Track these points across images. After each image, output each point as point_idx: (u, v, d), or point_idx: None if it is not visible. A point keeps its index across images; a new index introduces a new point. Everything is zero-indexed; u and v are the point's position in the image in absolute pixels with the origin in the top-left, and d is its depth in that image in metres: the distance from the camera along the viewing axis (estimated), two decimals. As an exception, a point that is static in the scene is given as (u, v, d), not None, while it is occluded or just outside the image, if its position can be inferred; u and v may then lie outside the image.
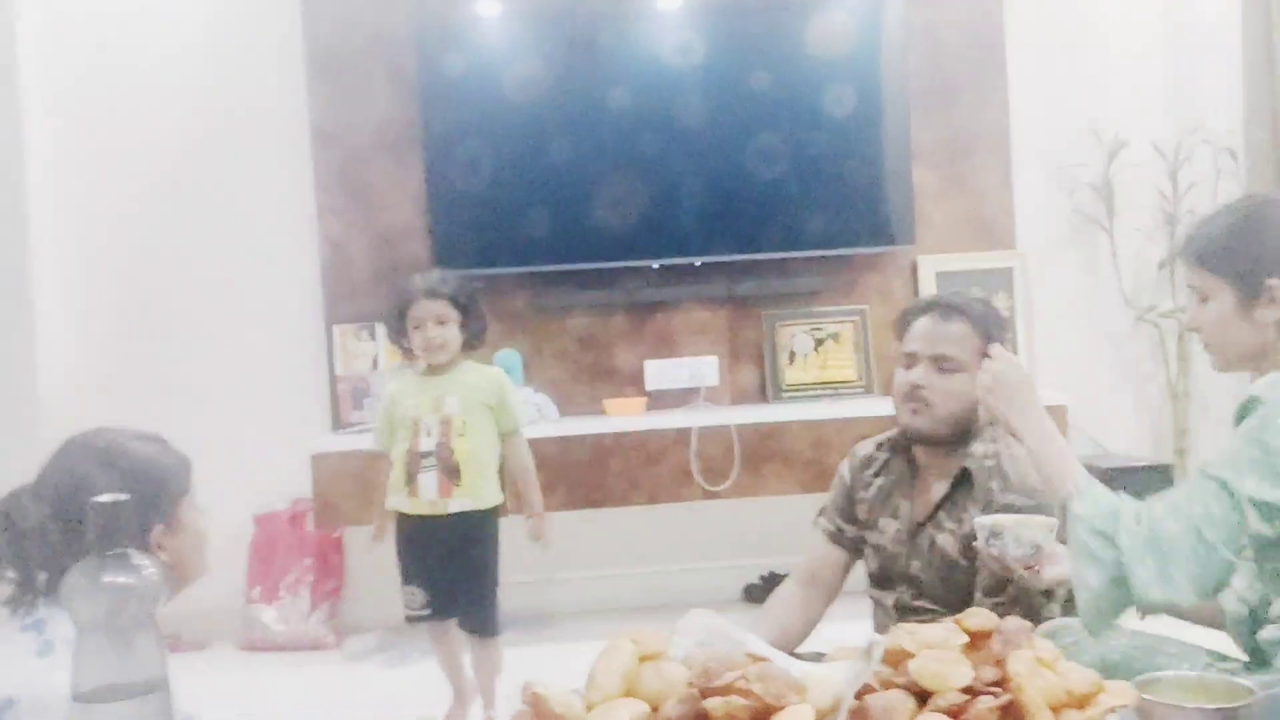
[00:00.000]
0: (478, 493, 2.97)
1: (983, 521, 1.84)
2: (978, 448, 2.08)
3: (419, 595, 3.01)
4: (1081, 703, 1.12)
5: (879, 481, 2.20)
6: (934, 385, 2.07)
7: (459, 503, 2.95)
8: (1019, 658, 1.14)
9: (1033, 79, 4.18)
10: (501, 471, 3.05)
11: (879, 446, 2.25)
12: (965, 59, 4.12)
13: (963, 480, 2.08)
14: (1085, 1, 4.26)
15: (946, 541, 2.07)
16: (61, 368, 3.89)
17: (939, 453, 2.12)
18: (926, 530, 2.11)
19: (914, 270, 4.10)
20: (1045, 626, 1.79)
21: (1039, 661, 1.14)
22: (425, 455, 2.94)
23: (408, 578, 3.03)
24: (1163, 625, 1.75)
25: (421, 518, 2.98)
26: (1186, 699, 1.12)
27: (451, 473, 2.94)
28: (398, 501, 2.99)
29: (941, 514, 2.09)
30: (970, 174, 4.14)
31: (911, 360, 2.12)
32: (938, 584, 2.08)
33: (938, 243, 4.11)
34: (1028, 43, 4.16)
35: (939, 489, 2.11)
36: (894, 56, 3.98)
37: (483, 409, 2.98)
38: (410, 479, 2.95)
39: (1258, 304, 1.64)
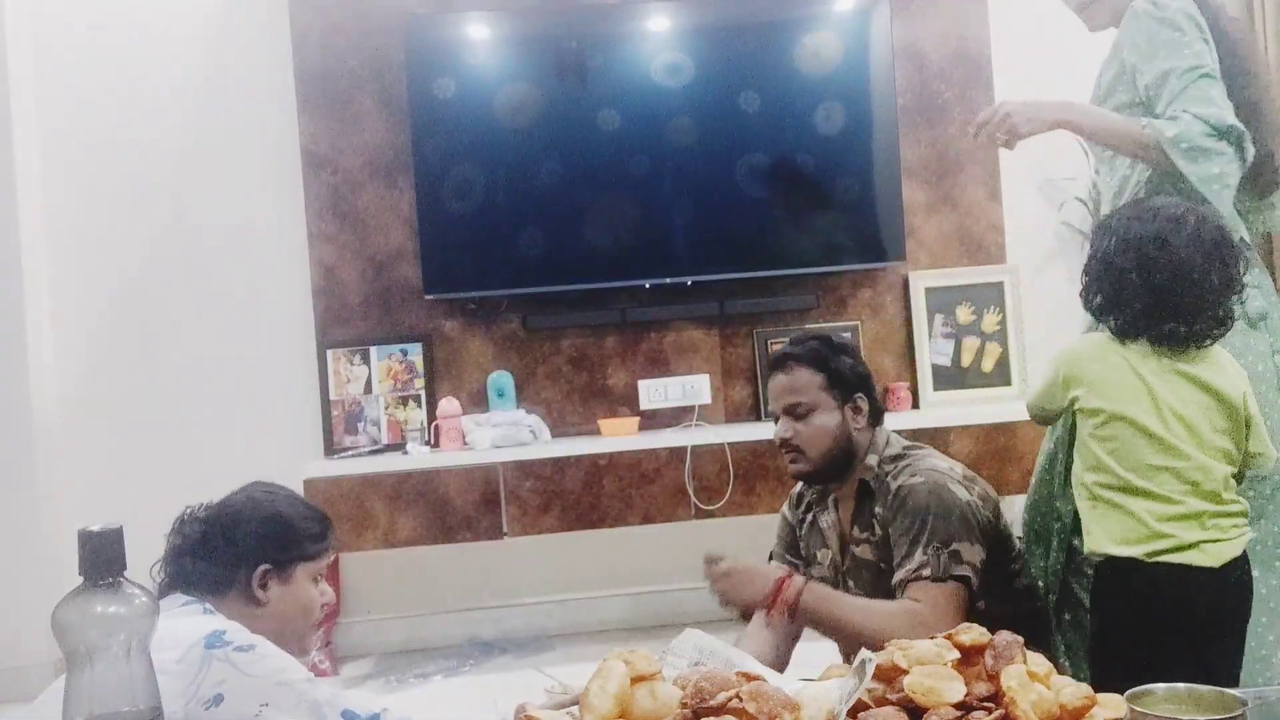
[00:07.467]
0: None
1: None
2: (870, 459, 2.23)
3: None
4: (1074, 716, 1.13)
5: (809, 518, 2.38)
6: (798, 433, 2.23)
7: None
8: (1011, 672, 1.14)
9: (1019, 93, 4.18)
10: None
11: (802, 484, 2.41)
12: (952, 75, 4.15)
13: (864, 492, 2.23)
14: (1070, 15, 4.28)
15: (865, 551, 2.22)
16: (54, 392, 3.89)
17: (838, 479, 2.27)
18: (849, 549, 2.26)
19: (905, 286, 4.12)
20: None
21: (1031, 676, 1.15)
22: None
23: None
24: None
25: None
26: (1178, 711, 1.12)
27: None
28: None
29: (855, 528, 2.25)
30: (959, 189, 4.16)
31: (776, 418, 2.29)
32: (873, 594, 2.18)
33: (928, 258, 4.13)
34: (1014, 58, 4.18)
35: (847, 508, 2.28)
36: (882, 74, 4.01)
37: None
38: None
39: None
